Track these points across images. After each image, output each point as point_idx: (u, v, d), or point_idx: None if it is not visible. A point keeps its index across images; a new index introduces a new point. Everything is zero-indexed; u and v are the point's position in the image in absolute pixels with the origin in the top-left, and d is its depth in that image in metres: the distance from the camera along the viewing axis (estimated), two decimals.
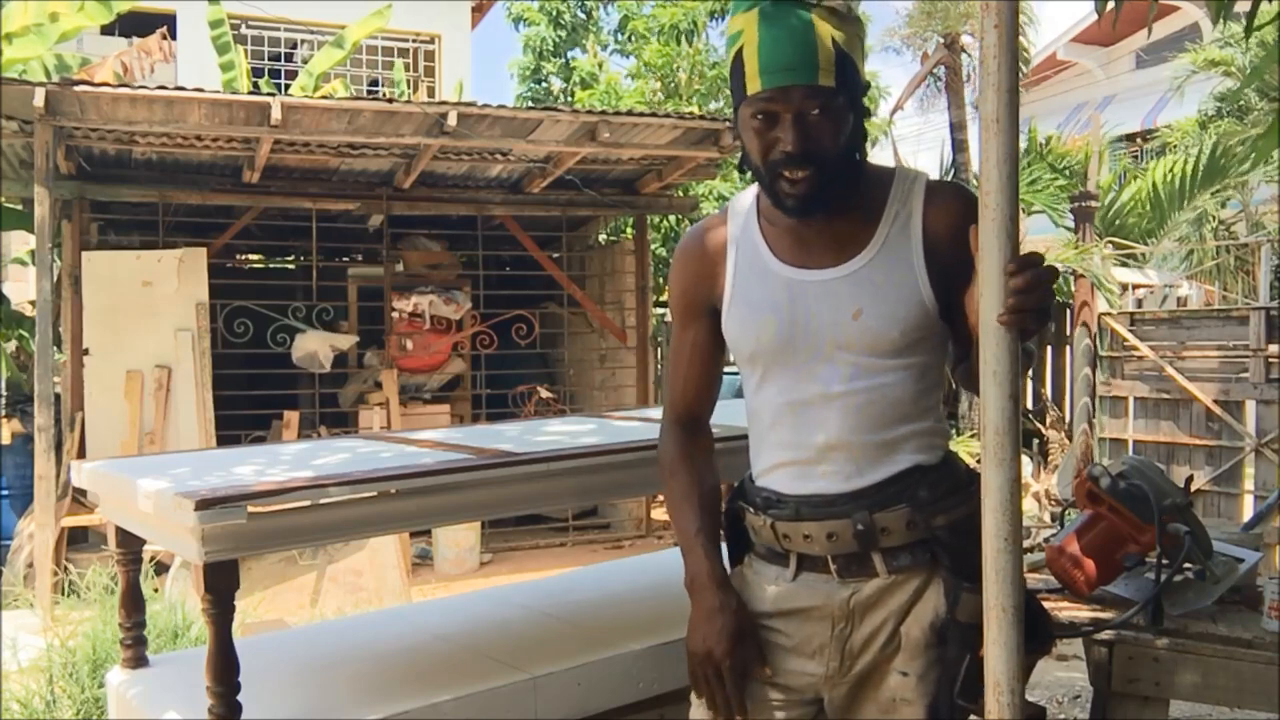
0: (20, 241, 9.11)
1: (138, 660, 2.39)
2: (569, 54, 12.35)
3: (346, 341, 7.24)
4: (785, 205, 1.52)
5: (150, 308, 6.35)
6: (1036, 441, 7.90)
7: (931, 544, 1.52)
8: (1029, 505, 7.03)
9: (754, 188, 1.67)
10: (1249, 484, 6.29)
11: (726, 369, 1.76)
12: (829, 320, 1.53)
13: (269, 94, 6.55)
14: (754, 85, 1.46)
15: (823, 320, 1.53)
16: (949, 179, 8.40)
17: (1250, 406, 6.26)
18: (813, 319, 1.53)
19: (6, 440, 6.66)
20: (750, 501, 1.63)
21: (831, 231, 1.55)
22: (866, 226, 1.55)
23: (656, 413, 3.03)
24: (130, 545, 2.32)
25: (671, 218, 9.83)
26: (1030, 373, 8.31)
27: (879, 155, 11.38)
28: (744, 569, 1.67)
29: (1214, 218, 10.05)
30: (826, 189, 1.50)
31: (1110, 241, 8.51)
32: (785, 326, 1.55)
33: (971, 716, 1.49)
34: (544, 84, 12.37)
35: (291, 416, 6.83)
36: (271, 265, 8.93)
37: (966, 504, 1.51)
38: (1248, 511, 5.98)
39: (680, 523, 1.65)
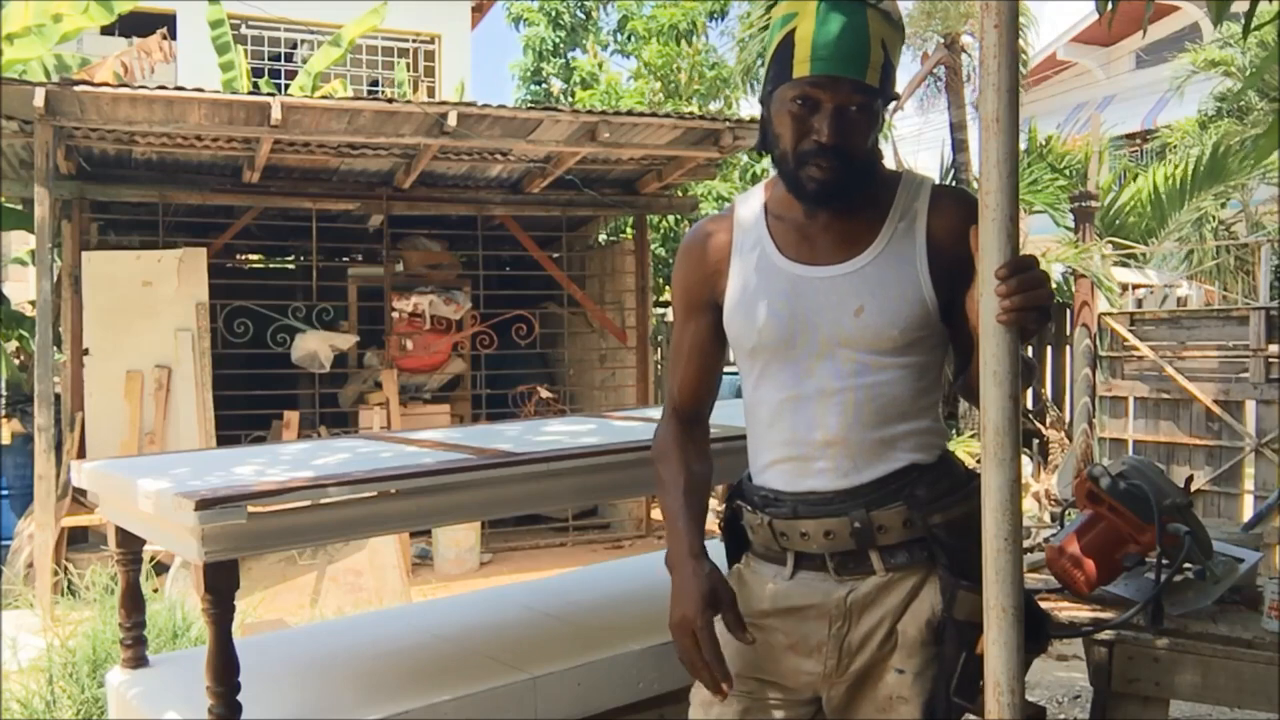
0: (20, 241, 9.11)
1: (138, 660, 2.39)
2: (569, 54, 12.35)
3: (346, 341, 7.24)
4: (806, 191, 1.53)
5: (150, 308, 6.35)
6: (1036, 441, 7.90)
7: (928, 542, 1.53)
8: (1029, 505, 7.03)
9: (759, 186, 1.68)
10: (1249, 484, 6.29)
11: (726, 369, 1.77)
12: (831, 317, 1.53)
13: (269, 94, 6.55)
14: (802, 69, 1.47)
15: (824, 316, 1.54)
16: (950, 180, 8.42)
17: (1250, 406, 6.26)
18: (815, 315, 1.54)
19: (6, 440, 6.66)
20: (748, 500, 1.63)
21: (837, 229, 1.56)
22: (871, 226, 1.56)
23: (657, 412, 3.03)
24: (130, 545, 2.32)
25: (671, 218, 9.83)
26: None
27: None
28: (741, 568, 1.67)
29: (1214, 218, 10.04)
30: (848, 183, 1.51)
31: (1110, 241, 8.50)
32: (787, 322, 1.56)
33: (968, 714, 1.50)
34: (544, 85, 12.37)
35: (291, 416, 6.83)
36: (271, 265, 8.93)
37: (963, 503, 1.52)
38: (1248, 511, 5.98)
39: (665, 503, 1.65)
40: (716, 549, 1.75)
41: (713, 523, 1.73)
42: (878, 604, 1.54)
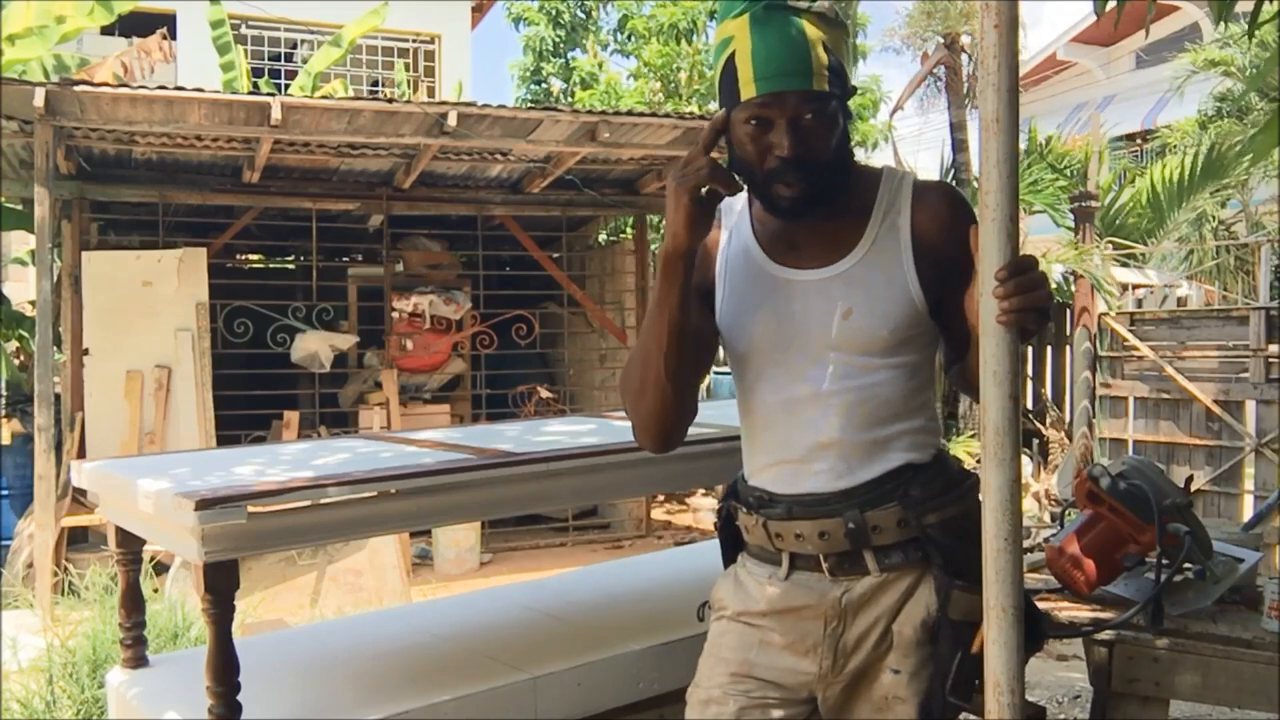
0: (20, 241, 9.10)
1: (138, 660, 2.39)
2: (569, 54, 12.35)
3: (346, 341, 7.24)
4: (779, 209, 1.53)
5: (150, 308, 6.35)
6: (1036, 441, 7.90)
7: (923, 542, 1.53)
8: (1029, 505, 7.03)
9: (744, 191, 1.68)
10: (1249, 484, 6.29)
11: (723, 370, 1.76)
12: (820, 320, 1.53)
13: (269, 94, 6.55)
14: (748, 91, 1.46)
15: (814, 320, 1.54)
16: (950, 180, 8.42)
17: (1250, 406, 6.26)
18: (804, 319, 1.55)
19: (6, 440, 6.66)
20: (743, 501, 1.64)
21: (822, 232, 1.56)
22: (856, 226, 1.56)
23: None
24: (130, 545, 2.33)
25: None
26: (1029, 372, 8.32)
27: (880, 157, 11.39)
28: (737, 569, 1.68)
29: (1214, 218, 10.04)
30: (820, 193, 1.50)
31: (1110, 241, 8.51)
32: (777, 326, 1.56)
33: (964, 714, 1.50)
34: (544, 85, 12.38)
35: (291, 416, 6.83)
36: (271, 265, 8.94)
37: (958, 502, 1.53)
38: (1248, 511, 5.98)
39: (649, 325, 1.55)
40: (713, 549, 1.75)
41: (710, 522, 1.72)
42: (873, 604, 1.54)
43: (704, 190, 1.45)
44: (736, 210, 1.67)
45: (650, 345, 1.52)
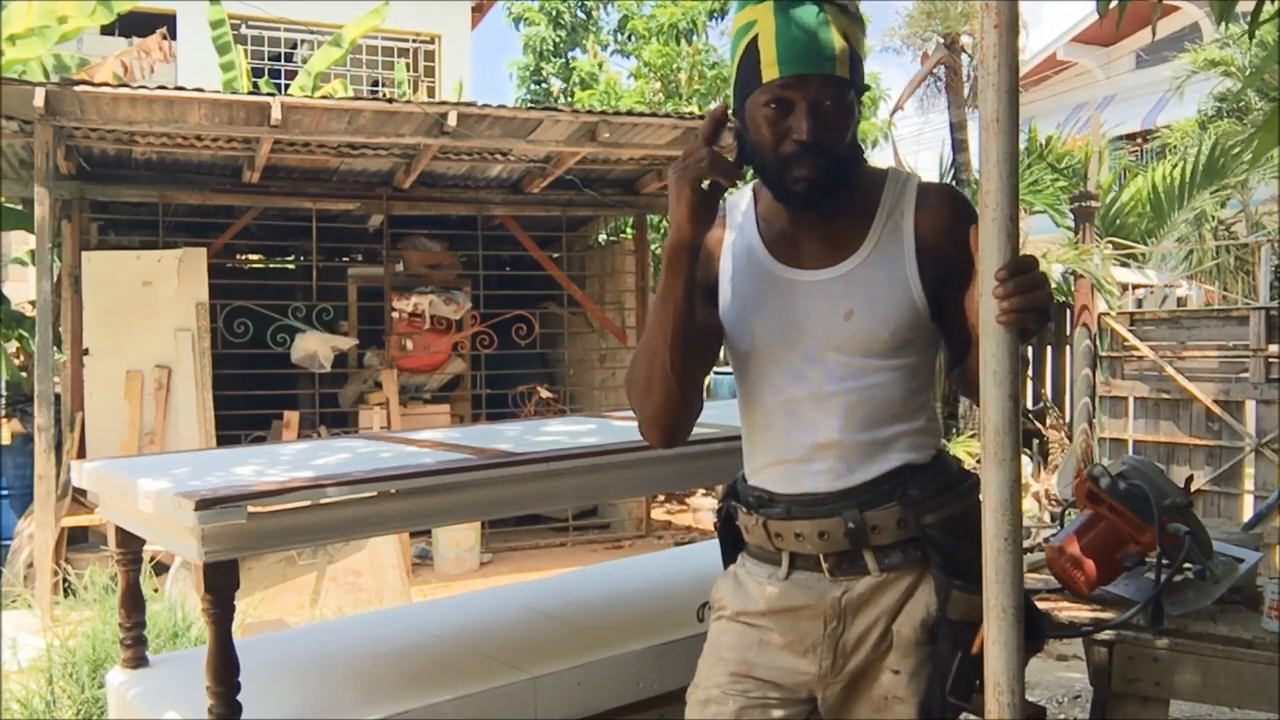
0: (20, 241, 9.10)
1: (138, 660, 2.39)
2: (569, 54, 12.36)
3: (346, 342, 7.24)
4: (793, 193, 1.52)
5: (150, 308, 6.35)
6: (1036, 441, 7.90)
7: (922, 542, 1.53)
8: (1029, 505, 7.03)
9: (747, 189, 1.68)
10: (1249, 484, 6.29)
11: (723, 370, 1.77)
12: (821, 321, 1.53)
13: (269, 94, 6.55)
14: (770, 73, 1.46)
15: (815, 320, 1.54)
16: (950, 180, 8.42)
17: (1250, 406, 6.26)
18: (806, 319, 1.54)
19: (6, 440, 6.66)
20: (743, 501, 1.64)
21: (825, 232, 1.56)
22: (859, 227, 1.55)
23: None
24: (130, 545, 2.33)
25: None
26: (1029, 372, 8.32)
27: (879, 156, 11.39)
28: (736, 569, 1.68)
29: (1214, 218, 10.04)
30: (833, 181, 1.50)
31: (1110, 241, 8.51)
32: (778, 326, 1.56)
33: (963, 714, 1.50)
34: (544, 85, 12.38)
35: (291, 416, 6.83)
36: (271, 265, 8.94)
37: (957, 502, 1.52)
38: (1248, 511, 5.98)
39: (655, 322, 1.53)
40: (713, 549, 1.75)
41: (710, 522, 1.72)
42: (872, 604, 1.54)
43: (706, 182, 1.45)
44: (741, 209, 1.66)
45: (656, 339, 1.52)
